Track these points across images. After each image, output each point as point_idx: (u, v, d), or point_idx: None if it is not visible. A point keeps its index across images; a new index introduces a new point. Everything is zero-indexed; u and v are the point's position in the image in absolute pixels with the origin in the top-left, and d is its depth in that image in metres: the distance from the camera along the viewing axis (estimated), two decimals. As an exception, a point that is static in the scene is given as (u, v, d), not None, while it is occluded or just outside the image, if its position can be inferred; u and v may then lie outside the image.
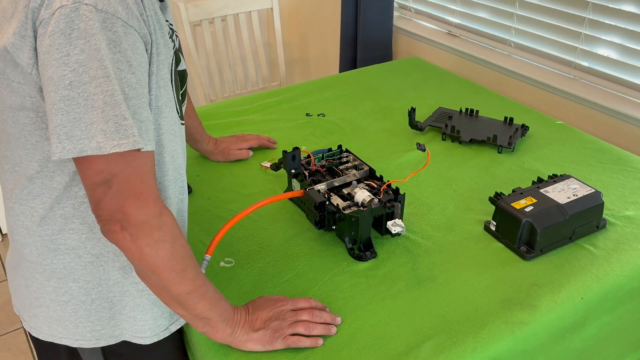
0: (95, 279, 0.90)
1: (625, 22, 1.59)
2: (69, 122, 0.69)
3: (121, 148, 0.71)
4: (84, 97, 0.69)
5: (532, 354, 1.01)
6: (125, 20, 0.71)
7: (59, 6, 0.68)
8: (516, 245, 1.14)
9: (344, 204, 1.15)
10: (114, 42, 0.70)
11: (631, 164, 1.44)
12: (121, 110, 0.71)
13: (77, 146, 0.70)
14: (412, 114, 1.58)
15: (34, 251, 0.88)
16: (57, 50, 0.68)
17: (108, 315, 0.92)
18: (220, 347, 0.95)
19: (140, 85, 0.74)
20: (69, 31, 0.68)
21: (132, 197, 0.75)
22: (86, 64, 0.68)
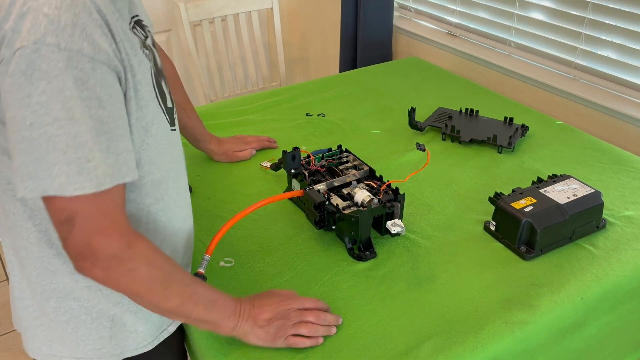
0: (95, 298, 0.89)
1: (625, 22, 1.59)
2: (30, 162, 0.68)
3: (83, 190, 0.70)
4: (45, 139, 0.67)
5: (532, 354, 1.02)
6: (92, 55, 0.68)
7: (19, 46, 0.65)
8: (516, 245, 1.14)
9: (343, 204, 1.15)
10: (80, 79, 0.67)
11: (631, 164, 1.44)
12: (84, 152, 0.69)
13: (39, 186, 0.69)
14: (412, 114, 1.58)
15: (33, 271, 0.87)
16: (18, 91, 0.66)
17: (109, 335, 0.92)
18: (220, 347, 0.95)
19: (112, 119, 0.72)
20: (30, 72, 0.65)
21: (97, 234, 0.73)
22: (47, 105, 0.66)
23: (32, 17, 0.65)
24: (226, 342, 0.96)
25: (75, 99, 0.67)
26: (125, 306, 0.91)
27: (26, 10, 0.65)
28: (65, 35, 0.66)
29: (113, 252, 0.75)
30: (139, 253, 0.78)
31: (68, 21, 0.66)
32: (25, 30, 0.65)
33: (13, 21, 0.66)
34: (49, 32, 0.65)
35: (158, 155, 0.86)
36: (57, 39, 0.65)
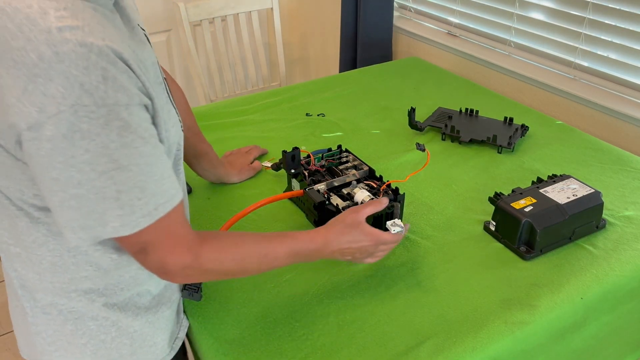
0: (114, 315, 0.88)
1: (625, 22, 1.59)
2: (81, 216, 0.70)
3: (140, 227, 0.73)
4: (93, 193, 0.69)
5: (532, 354, 1.02)
6: (127, 103, 0.69)
7: (55, 112, 0.64)
8: (516, 245, 1.14)
9: (343, 203, 1.15)
10: (122, 128, 0.68)
11: (631, 164, 1.44)
12: (135, 193, 0.71)
13: (91, 234, 0.72)
14: (412, 114, 1.58)
15: (47, 295, 0.86)
16: (60, 154, 0.66)
17: (129, 352, 0.91)
18: (220, 347, 0.96)
19: (156, 149, 0.74)
20: (71, 134, 0.65)
21: (167, 255, 0.78)
22: (93, 162, 0.67)
23: (61, 80, 0.64)
24: (226, 342, 0.96)
25: (121, 147, 0.68)
26: (144, 317, 0.91)
27: (54, 74, 0.64)
28: (100, 93, 0.66)
29: (185, 265, 0.80)
30: (207, 259, 0.82)
31: (99, 78, 0.66)
32: (59, 95, 0.64)
33: (41, 84, 0.64)
34: (83, 93, 0.65)
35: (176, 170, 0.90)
36: (93, 99, 0.65)
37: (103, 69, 0.66)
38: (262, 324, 1.00)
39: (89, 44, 0.65)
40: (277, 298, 1.05)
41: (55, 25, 0.64)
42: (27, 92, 0.64)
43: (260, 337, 0.97)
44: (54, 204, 0.70)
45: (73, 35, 0.65)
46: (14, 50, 0.65)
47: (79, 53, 0.64)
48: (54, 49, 0.64)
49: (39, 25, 0.64)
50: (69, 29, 0.65)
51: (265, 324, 1.00)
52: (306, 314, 1.02)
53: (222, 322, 1.00)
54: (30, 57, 0.64)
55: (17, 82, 0.65)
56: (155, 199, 0.74)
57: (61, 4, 0.66)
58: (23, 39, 0.64)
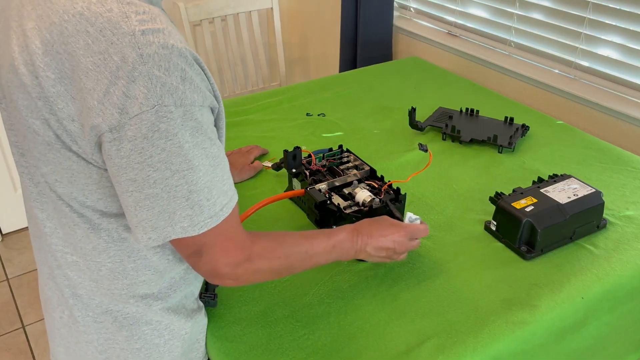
0: (168, 318, 0.89)
1: (625, 22, 1.59)
2: (153, 216, 0.72)
3: (208, 227, 0.75)
4: (166, 191, 0.70)
5: (532, 354, 1.01)
6: (201, 104, 0.71)
7: (138, 112, 0.66)
8: (516, 245, 1.14)
9: (344, 203, 1.15)
10: (195, 129, 0.71)
11: (631, 164, 1.44)
12: (205, 194, 0.73)
13: (161, 235, 0.73)
14: (412, 113, 1.58)
15: (104, 303, 0.86)
16: (139, 154, 0.68)
17: (180, 353, 0.92)
18: (221, 346, 0.95)
19: (220, 150, 0.77)
20: (151, 134, 0.67)
21: (221, 257, 0.79)
22: (168, 161, 0.69)
23: (144, 81, 0.66)
24: (227, 340, 0.96)
25: (193, 147, 0.70)
26: (193, 318, 0.92)
27: (137, 75, 0.66)
28: (179, 93, 0.68)
29: (237, 265, 0.81)
30: (258, 257, 0.83)
31: (178, 79, 0.68)
32: (142, 96, 0.66)
33: (124, 86, 0.66)
34: (164, 93, 0.67)
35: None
36: (173, 99, 0.67)
37: (182, 70, 0.68)
38: (263, 323, 1.00)
39: (171, 46, 0.68)
40: (278, 297, 1.05)
41: (139, 29, 0.66)
42: (109, 94, 0.66)
43: (261, 336, 0.97)
44: (129, 204, 0.72)
45: (156, 38, 0.67)
46: (95, 54, 0.66)
47: (162, 55, 0.67)
48: (139, 51, 0.65)
49: (121, 29, 0.66)
50: (152, 32, 0.67)
51: (266, 323, 1.00)
52: (307, 313, 1.02)
53: (223, 320, 1.00)
54: (113, 59, 0.65)
55: (98, 85, 0.66)
56: (221, 200, 0.76)
57: (139, 7, 0.68)
58: (105, 42, 0.66)
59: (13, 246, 2.51)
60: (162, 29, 0.68)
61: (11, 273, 2.37)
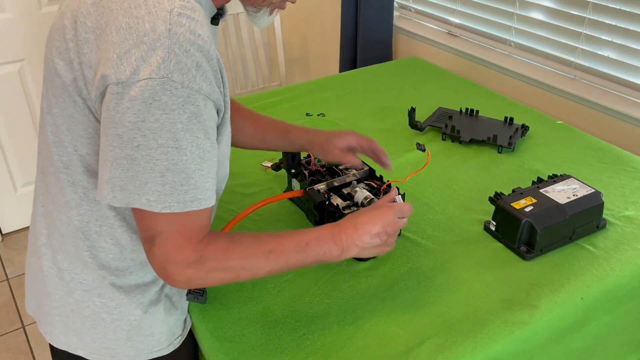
0: (119, 298, 0.90)
1: (625, 22, 1.59)
2: (126, 177, 0.74)
3: (171, 209, 0.75)
4: (145, 160, 0.73)
5: (532, 354, 1.01)
6: (207, 94, 0.75)
7: (146, 77, 0.70)
8: (516, 245, 1.14)
9: (343, 203, 1.15)
10: (194, 114, 0.74)
11: (631, 164, 1.44)
12: (180, 178, 0.75)
13: (126, 198, 0.75)
14: (412, 113, 1.58)
15: (65, 259, 0.89)
16: (133, 115, 0.71)
17: (126, 337, 0.93)
18: (221, 346, 0.96)
19: (212, 148, 0.79)
20: (150, 101, 0.71)
21: (172, 253, 0.79)
22: (157, 133, 0.72)
23: (163, 53, 0.71)
24: (226, 340, 0.96)
25: (186, 131, 0.74)
26: (147, 309, 0.92)
27: (159, 46, 0.71)
28: (189, 76, 0.73)
29: (186, 265, 0.80)
30: (210, 258, 0.81)
31: (194, 64, 0.73)
32: (155, 64, 0.71)
33: (144, 51, 0.71)
34: (176, 70, 0.71)
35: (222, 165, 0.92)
36: (182, 78, 0.72)
37: (200, 59, 0.73)
38: (262, 323, 1.00)
39: (198, 35, 0.73)
40: (278, 297, 1.05)
41: (177, 11, 0.73)
42: (129, 53, 0.71)
43: (261, 336, 0.97)
44: (107, 158, 0.75)
45: (188, 23, 0.73)
46: (132, 17, 0.72)
47: (187, 37, 0.72)
48: (168, 26, 0.71)
49: (163, 4, 0.73)
50: (187, 17, 0.73)
51: (265, 323, 1.00)
52: (306, 313, 1.02)
53: (222, 321, 1.00)
54: (144, 26, 0.72)
55: (123, 43, 0.72)
56: (195, 192, 0.77)
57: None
58: (145, 9, 0.72)
59: (13, 246, 2.51)
60: (198, 20, 0.74)
61: (11, 273, 2.37)
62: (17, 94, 2.30)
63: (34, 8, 2.20)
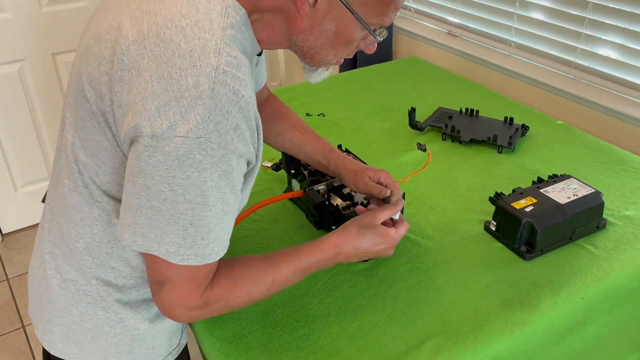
0: (125, 312, 0.89)
1: (625, 22, 1.59)
2: (148, 226, 0.73)
3: (189, 262, 0.75)
4: (171, 213, 0.72)
5: (532, 354, 1.01)
6: (240, 154, 0.73)
7: (184, 135, 0.68)
8: (516, 245, 1.14)
9: (343, 204, 1.15)
10: (226, 172, 0.72)
11: (631, 164, 1.44)
12: (202, 232, 0.74)
13: (145, 245, 0.74)
14: (412, 113, 1.58)
15: (71, 270, 0.88)
16: (165, 169, 0.70)
17: (127, 350, 0.92)
18: (221, 347, 0.95)
19: (236, 201, 0.78)
20: (184, 158, 0.69)
21: (179, 299, 0.79)
22: (186, 189, 0.71)
23: (203, 112, 0.68)
24: (226, 341, 0.96)
25: (215, 188, 0.72)
26: (151, 323, 0.92)
27: (200, 104, 0.68)
28: (227, 137, 0.70)
29: (191, 309, 0.81)
30: (215, 301, 0.82)
31: (232, 125, 0.70)
32: (194, 123, 0.68)
33: (184, 107, 0.68)
34: (215, 131, 0.69)
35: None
36: (220, 139, 0.70)
37: (240, 120, 0.71)
38: (262, 323, 1.00)
39: (241, 97, 0.71)
40: (278, 297, 1.05)
41: (223, 68, 0.70)
42: (168, 106, 0.69)
43: (261, 336, 0.97)
44: (132, 205, 0.73)
45: (232, 82, 0.70)
46: (176, 67, 0.69)
47: (230, 99, 0.70)
48: (212, 85, 0.69)
49: (209, 59, 0.69)
50: (231, 76, 0.70)
51: (265, 324, 1.00)
52: (306, 313, 1.02)
53: (222, 321, 1.00)
54: (187, 80, 0.69)
55: (163, 94, 0.69)
56: (213, 245, 0.77)
57: (233, 52, 0.72)
58: (189, 62, 0.69)
59: (13, 246, 2.52)
60: (242, 79, 0.72)
61: (11, 273, 2.37)
62: (17, 94, 2.30)
63: (34, 8, 2.20)
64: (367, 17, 0.80)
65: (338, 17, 0.78)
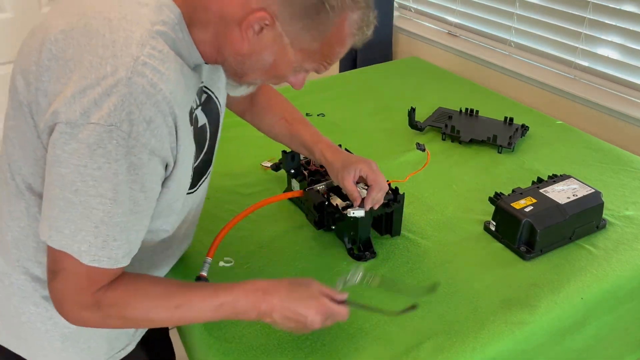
0: (51, 310, 0.87)
1: (625, 22, 1.59)
2: (62, 219, 0.72)
3: (100, 264, 0.74)
4: (83, 206, 0.71)
5: (532, 354, 1.01)
6: (153, 150, 0.72)
7: (95, 121, 0.68)
8: (516, 245, 1.14)
9: (343, 204, 1.14)
10: (134, 166, 0.71)
11: (631, 164, 1.44)
12: (114, 232, 0.73)
13: (61, 241, 0.73)
14: (412, 114, 1.58)
15: (5, 264, 0.88)
16: (77, 157, 0.69)
17: (60, 347, 0.92)
18: (220, 347, 0.95)
19: (147, 201, 0.76)
20: (95, 147, 0.68)
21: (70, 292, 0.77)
22: (98, 181, 0.70)
23: (117, 100, 0.68)
24: (226, 341, 0.96)
25: (124, 182, 0.71)
26: (81, 330, 0.90)
27: (115, 92, 0.68)
28: (139, 129, 0.69)
29: (82, 307, 0.78)
30: (108, 305, 0.78)
31: (146, 117, 0.70)
32: (107, 110, 0.68)
33: (99, 94, 0.68)
34: (126, 120, 0.68)
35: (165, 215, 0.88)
36: (131, 129, 0.69)
37: (155, 114, 0.70)
38: (262, 323, 0.99)
39: (158, 90, 0.70)
40: (277, 298, 1.05)
41: (143, 59, 0.69)
42: (83, 93, 0.68)
43: (260, 336, 0.97)
44: (49, 195, 0.73)
45: (151, 75, 0.69)
46: (97, 56, 0.69)
47: (146, 90, 0.69)
48: (129, 75, 0.68)
49: (130, 50, 0.69)
50: (152, 69, 0.70)
51: (265, 324, 0.99)
52: (306, 314, 1.01)
53: (222, 321, 1.00)
54: (106, 68, 0.68)
55: (81, 81, 0.69)
56: (125, 248, 0.76)
57: (159, 46, 0.71)
58: (111, 52, 0.69)
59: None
60: (164, 73, 0.71)
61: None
62: (17, 94, 2.30)
63: (34, 8, 2.20)
64: (304, 62, 0.81)
65: (277, 54, 0.78)
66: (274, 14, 0.74)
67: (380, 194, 1.07)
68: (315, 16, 0.75)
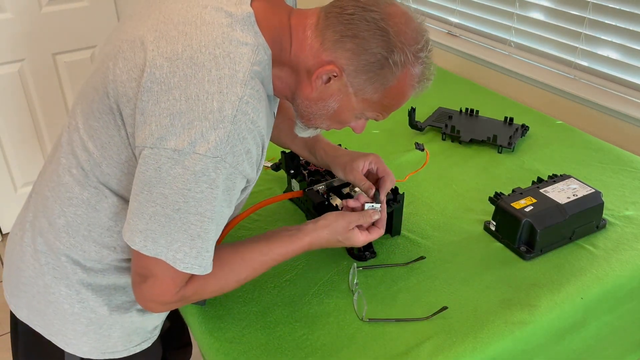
0: (86, 293, 0.91)
1: (625, 22, 1.59)
2: (160, 233, 0.78)
3: (192, 271, 0.81)
4: (182, 222, 0.77)
5: (531, 354, 1.02)
6: (245, 175, 0.81)
7: (202, 153, 0.74)
8: (516, 245, 1.14)
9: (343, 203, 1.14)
10: (229, 188, 0.79)
11: (631, 164, 1.44)
12: (207, 245, 0.81)
13: (155, 250, 0.79)
14: (412, 113, 1.58)
15: (45, 243, 0.90)
16: (181, 182, 0.75)
17: (82, 331, 0.93)
18: (220, 347, 0.95)
19: (230, 212, 0.84)
20: (200, 175, 0.75)
21: (158, 295, 0.83)
22: (199, 203, 0.77)
23: (223, 135, 0.75)
24: (226, 341, 0.97)
25: (220, 203, 0.79)
26: (110, 311, 0.93)
27: (221, 127, 0.74)
28: (239, 159, 0.78)
29: (165, 304, 0.86)
30: (189, 296, 0.86)
31: (245, 149, 0.78)
32: (213, 143, 0.74)
33: (206, 128, 0.74)
34: (230, 153, 0.76)
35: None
36: (233, 160, 0.77)
37: (252, 146, 0.79)
38: (262, 323, 1.00)
39: (256, 127, 0.78)
40: (278, 297, 1.05)
41: (247, 99, 0.76)
42: (192, 126, 0.74)
43: (261, 336, 0.97)
44: (145, 212, 0.78)
45: (252, 113, 0.77)
46: (204, 90, 0.75)
47: (248, 127, 0.77)
48: (235, 112, 0.75)
49: (235, 89, 0.76)
50: (252, 107, 0.77)
51: (265, 324, 1.00)
52: (306, 313, 1.02)
53: (222, 321, 1.00)
54: (212, 103, 0.75)
55: (190, 113, 0.75)
56: (212, 255, 0.83)
57: (257, 86, 0.79)
58: (217, 88, 0.75)
59: (13, 246, 2.51)
60: (260, 110, 0.79)
61: (11, 273, 2.37)
62: (17, 94, 2.30)
63: (34, 8, 2.20)
64: (365, 110, 0.88)
65: (341, 101, 0.86)
66: (342, 67, 0.82)
67: (392, 185, 1.12)
68: (379, 70, 0.82)
